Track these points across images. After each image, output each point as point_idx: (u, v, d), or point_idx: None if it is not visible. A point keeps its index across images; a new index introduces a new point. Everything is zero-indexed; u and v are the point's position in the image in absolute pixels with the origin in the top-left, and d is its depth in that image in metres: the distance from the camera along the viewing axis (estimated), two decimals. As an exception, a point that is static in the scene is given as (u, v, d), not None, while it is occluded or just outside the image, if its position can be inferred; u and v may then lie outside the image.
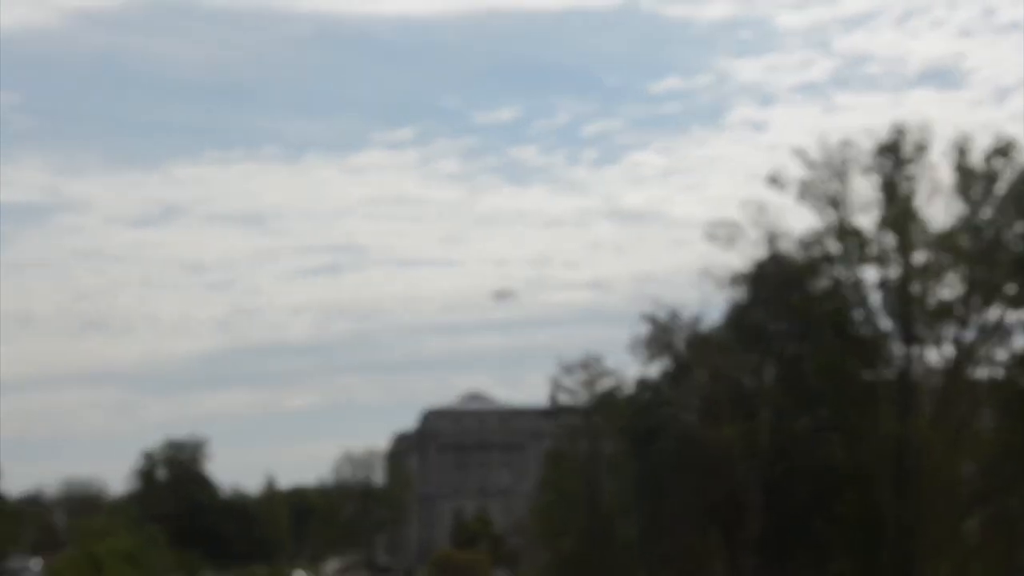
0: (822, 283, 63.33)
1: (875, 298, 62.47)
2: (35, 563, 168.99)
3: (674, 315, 70.67)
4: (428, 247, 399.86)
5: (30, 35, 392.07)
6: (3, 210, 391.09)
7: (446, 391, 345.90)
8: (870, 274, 62.59)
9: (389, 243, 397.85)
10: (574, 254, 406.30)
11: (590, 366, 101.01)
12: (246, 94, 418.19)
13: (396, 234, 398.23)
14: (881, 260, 61.18)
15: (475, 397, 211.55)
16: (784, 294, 66.26)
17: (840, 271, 62.48)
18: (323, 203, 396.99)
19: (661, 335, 70.25)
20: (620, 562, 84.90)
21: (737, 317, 69.47)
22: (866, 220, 62.29)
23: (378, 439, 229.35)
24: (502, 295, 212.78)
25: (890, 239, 61.45)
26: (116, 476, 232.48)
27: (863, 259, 61.91)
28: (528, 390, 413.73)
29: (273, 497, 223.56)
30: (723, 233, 66.58)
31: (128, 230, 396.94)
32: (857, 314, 62.82)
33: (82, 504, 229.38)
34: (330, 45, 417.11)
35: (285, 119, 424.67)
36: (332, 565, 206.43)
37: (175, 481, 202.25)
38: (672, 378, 69.75)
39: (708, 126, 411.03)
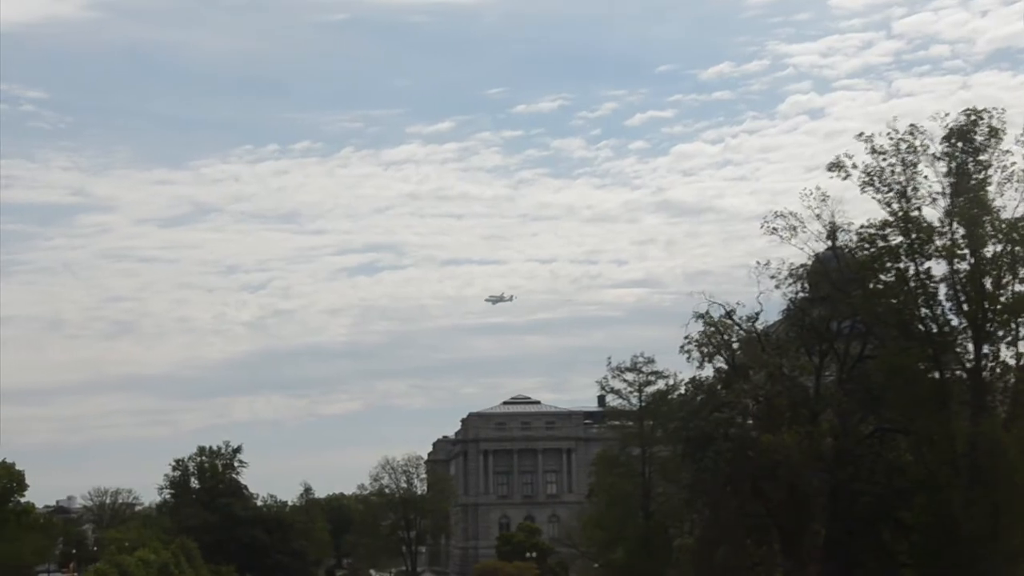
0: (886, 278, 62.74)
1: (943, 293, 61.79)
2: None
3: (729, 313, 70.42)
4: (471, 245, 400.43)
5: (54, 28, 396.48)
6: (28, 211, 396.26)
7: (490, 395, 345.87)
8: (938, 268, 61.85)
9: (430, 241, 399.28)
10: (623, 250, 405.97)
11: (641, 367, 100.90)
12: (279, 88, 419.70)
13: (437, 231, 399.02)
14: (949, 253, 60.46)
15: (521, 400, 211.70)
16: (846, 290, 65.88)
17: (906, 265, 61.84)
18: (360, 200, 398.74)
19: (715, 334, 69.99)
20: (676, 572, 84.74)
21: (796, 314, 69.16)
22: (933, 211, 61.74)
23: (419, 445, 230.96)
24: (497, 300, 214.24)
25: (959, 230, 60.79)
26: (147, 485, 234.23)
27: (930, 252, 61.24)
28: (576, 393, 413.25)
29: (310, 506, 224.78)
30: (781, 226, 66.30)
31: (158, 230, 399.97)
32: (924, 310, 62.18)
33: (112, 514, 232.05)
34: (366, 36, 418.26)
35: (320, 113, 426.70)
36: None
37: (208, 490, 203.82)
38: (727, 379, 69.38)
39: (762, 114, 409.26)
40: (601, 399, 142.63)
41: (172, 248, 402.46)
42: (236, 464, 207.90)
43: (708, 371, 70.89)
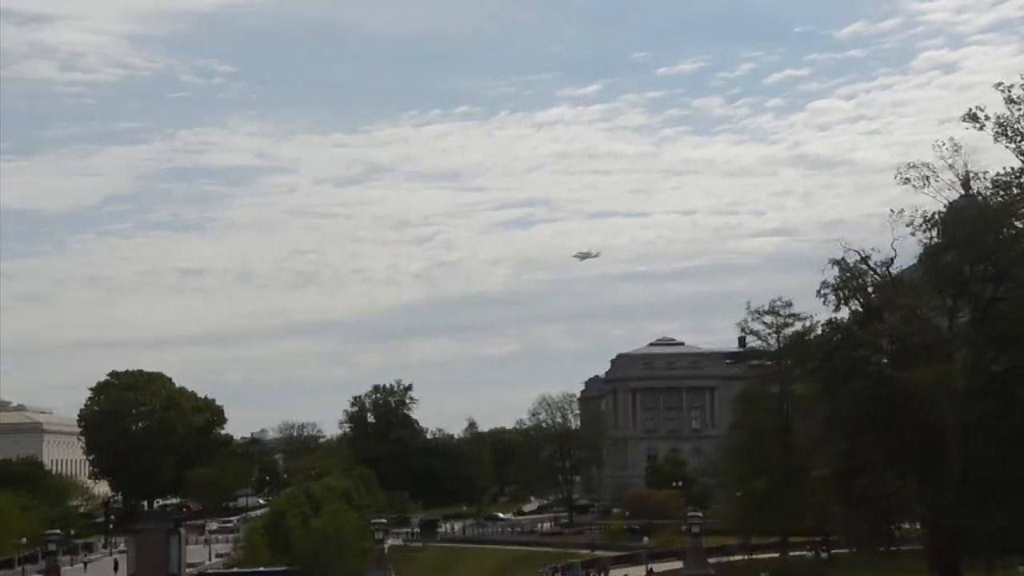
0: (1021, 223, 60.26)
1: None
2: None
3: (864, 258, 68.56)
4: (617, 199, 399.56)
5: (242, 9, 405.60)
6: (221, 173, 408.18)
7: (637, 337, 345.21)
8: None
9: (580, 196, 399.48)
10: (761, 202, 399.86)
11: (779, 311, 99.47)
12: (442, 57, 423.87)
13: (586, 187, 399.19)
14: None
15: (666, 342, 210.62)
16: (980, 235, 63.55)
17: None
18: (516, 159, 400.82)
19: (851, 278, 68.23)
20: (814, 501, 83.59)
21: (930, 259, 67.00)
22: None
23: (573, 384, 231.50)
24: (584, 256, 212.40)
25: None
26: (330, 419, 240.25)
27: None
28: (717, 335, 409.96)
29: (475, 439, 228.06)
30: (916, 175, 64.23)
31: (336, 189, 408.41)
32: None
33: (299, 446, 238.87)
34: (519, 7, 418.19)
35: (478, 79, 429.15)
36: (532, 503, 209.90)
37: (384, 424, 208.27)
38: (863, 321, 67.61)
39: (895, 70, 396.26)
40: (741, 340, 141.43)
41: (348, 205, 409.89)
42: (408, 401, 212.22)
43: (844, 313, 69.32)
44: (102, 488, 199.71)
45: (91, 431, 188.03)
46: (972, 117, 60.93)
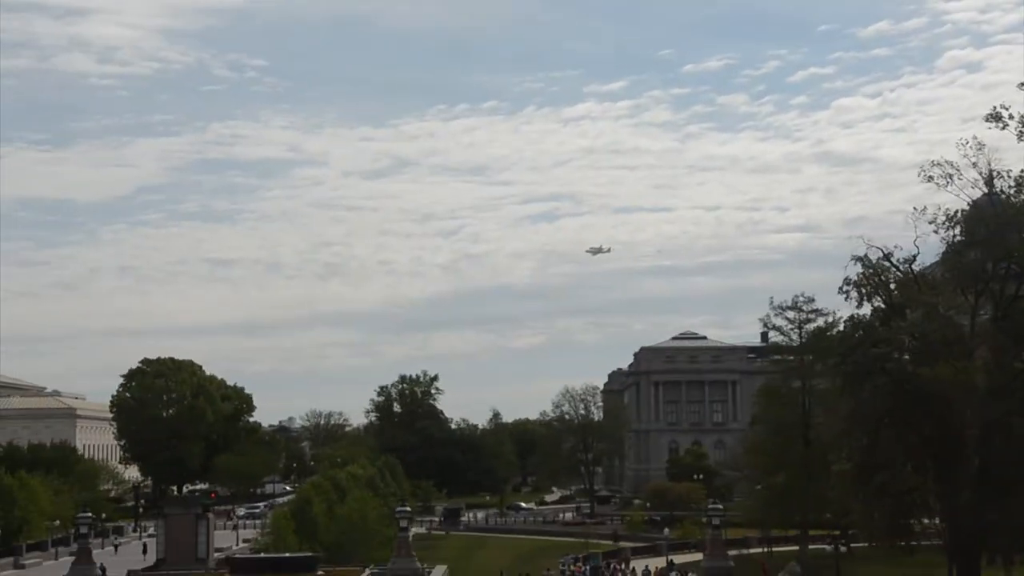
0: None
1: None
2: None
3: (887, 255, 68.36)
4: (642, 194, 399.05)
5: (273, 4, 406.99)
6: (252, 165, 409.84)
7: (660, 331, 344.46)
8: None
9: (605, 191, 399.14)
10: (784, 198, 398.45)
11: (801, 306, 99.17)
12: (469, 53, 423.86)
13: (612, 182, 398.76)
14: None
15: (689, 336, 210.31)
16: (1002, 233, 63.27)
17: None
18: (542, 154, 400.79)
19: (873, 275, 68.03)
20: (834, 495, 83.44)
21: (952, 257, 66.74)
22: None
23: (596, 376, 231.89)
24: (596, 251, 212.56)
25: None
26: (356, 408, 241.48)
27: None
28: (740, 330, 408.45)
29: (499, 430, 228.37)
30: (939, 173, 64.02)
31: (363, 182, 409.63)
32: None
33: (326, 434, 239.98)
34: (547, 4, 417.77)
35: (505, 75, 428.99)
36: (554, 494, 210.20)
37: (409, 414, 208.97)
38: (885, 317, 67.41)
39: (919, 69, 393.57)
40: (764, 335, 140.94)
41: (375, 198, 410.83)
42: (433, 391, 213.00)
43: (866, 310, 69.10)
44: (132, 473, 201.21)
45: (122, 417, 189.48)
46: (995, 117, 60.74)
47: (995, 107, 61.05)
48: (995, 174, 63.77)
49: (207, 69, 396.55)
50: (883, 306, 68.16)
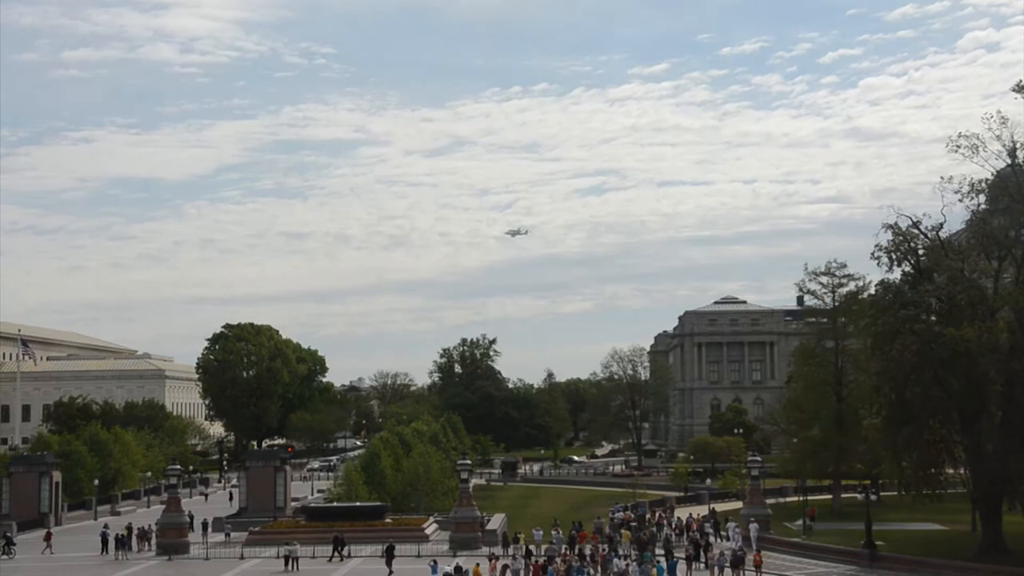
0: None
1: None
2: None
3: (915, 223, 67.66)
4: (684, 169, 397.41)
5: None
6: (322, 145, 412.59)
7: (702, 296, 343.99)
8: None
9: (649, 166, 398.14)
10: (816, 171, 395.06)
11: (834, 271, 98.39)
12: (522, 38, 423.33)
13: (655, 158, 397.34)
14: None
15: (729, 300, 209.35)
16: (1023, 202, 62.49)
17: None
18: (590, 132, 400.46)
19: (902, 242, 67.38)
20: (865, 447, 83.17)
21: (977, 224, 66.00)
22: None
23: (642, 339, 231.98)
24: (515, 233, 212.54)
25: None
26: (419, 369, 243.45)
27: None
28: (776, 294, 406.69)
29: (552, 389, 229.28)
30: (964, 145, 63.33)
31: (424, 160, 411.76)
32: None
33: (393, 393, 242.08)
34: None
35: (555, 59, 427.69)
36: (604, 448, 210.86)
37: (469, 374, 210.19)
38: (913, 281, 66.81)
39: (942, 49, 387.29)
40: (799, 299, 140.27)
41: (435, 174, 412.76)
42: (491, 353, 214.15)
43: (896, 274, 68.54)
44: (216, 429, 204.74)
45: (207, 377, 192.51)
46: (1020, 88, 60.03)
47: (1021, 80, 60.58)
48: (1018, 146, 63.25)
49: (280, 57, 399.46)
50: (911, 271, 67.57)
